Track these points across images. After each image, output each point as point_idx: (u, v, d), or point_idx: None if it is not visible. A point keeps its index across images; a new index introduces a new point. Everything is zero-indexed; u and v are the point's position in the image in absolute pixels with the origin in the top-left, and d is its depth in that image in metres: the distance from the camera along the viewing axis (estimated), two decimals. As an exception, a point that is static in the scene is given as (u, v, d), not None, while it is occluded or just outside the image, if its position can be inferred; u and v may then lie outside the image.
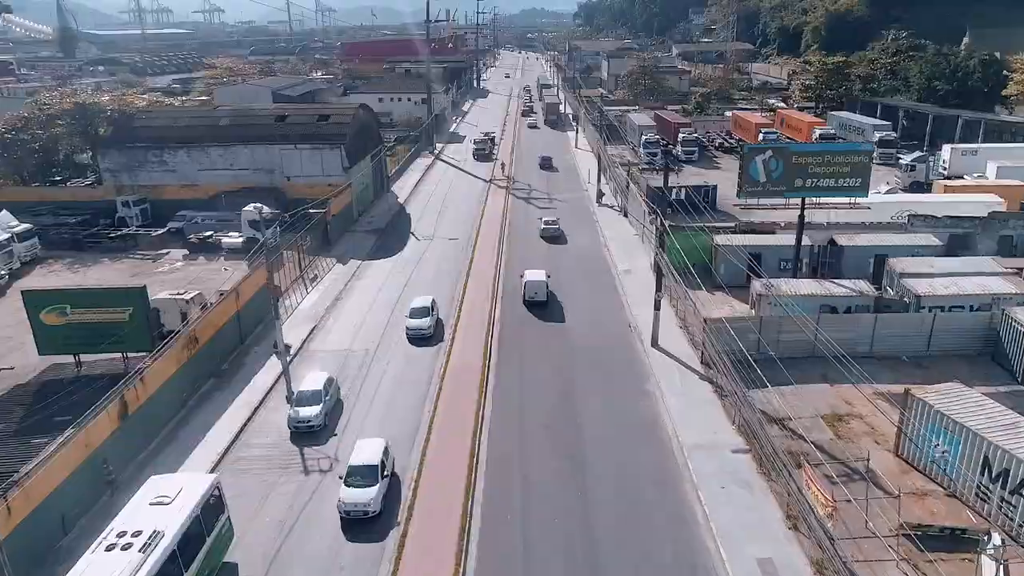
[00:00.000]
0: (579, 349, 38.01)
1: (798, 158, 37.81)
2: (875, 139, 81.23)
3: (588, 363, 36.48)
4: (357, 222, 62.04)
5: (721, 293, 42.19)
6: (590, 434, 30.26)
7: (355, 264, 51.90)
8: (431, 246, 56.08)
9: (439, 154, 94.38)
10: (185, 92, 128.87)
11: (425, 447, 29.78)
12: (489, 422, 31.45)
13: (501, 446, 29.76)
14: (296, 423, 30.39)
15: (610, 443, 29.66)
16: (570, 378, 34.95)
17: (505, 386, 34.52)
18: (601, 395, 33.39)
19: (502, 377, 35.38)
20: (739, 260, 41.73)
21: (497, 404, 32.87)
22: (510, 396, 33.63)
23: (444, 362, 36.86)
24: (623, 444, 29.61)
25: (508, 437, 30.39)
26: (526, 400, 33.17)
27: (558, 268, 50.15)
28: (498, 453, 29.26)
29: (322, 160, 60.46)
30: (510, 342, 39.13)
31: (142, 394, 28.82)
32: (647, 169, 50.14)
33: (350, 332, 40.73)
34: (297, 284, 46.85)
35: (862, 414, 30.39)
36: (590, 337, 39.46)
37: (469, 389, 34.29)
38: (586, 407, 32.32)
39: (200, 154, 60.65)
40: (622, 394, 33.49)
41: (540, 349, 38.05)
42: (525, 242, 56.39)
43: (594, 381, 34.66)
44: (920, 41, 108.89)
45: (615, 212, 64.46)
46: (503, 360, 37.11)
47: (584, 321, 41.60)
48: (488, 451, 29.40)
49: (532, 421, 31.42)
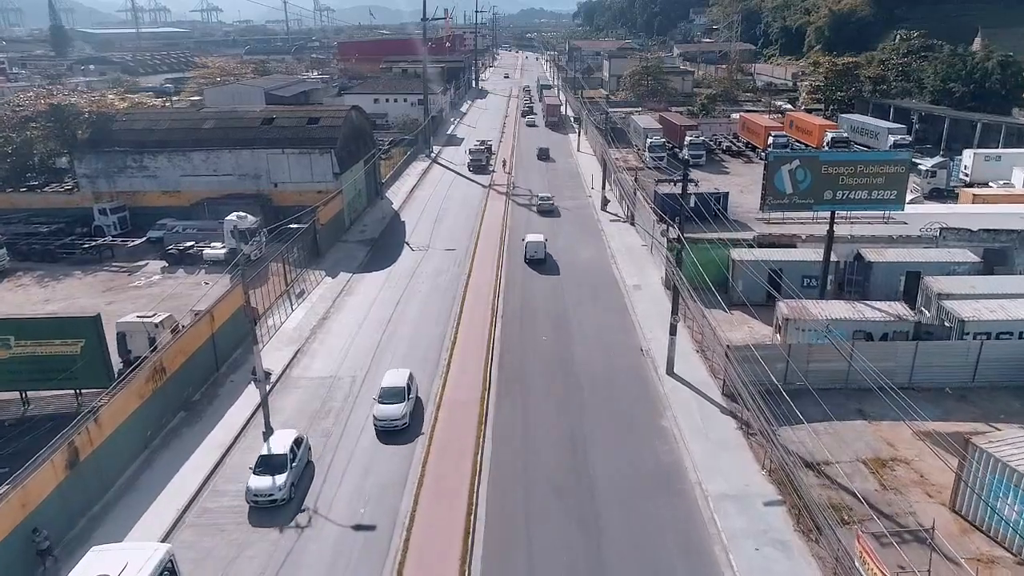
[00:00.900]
0: (587, 377, 34.61)
1: (828, 168, 34.48)
2: (889, 143, 78.14)
3: (597, 395, 33.07)
4: (348, 231, 58.67)
5: (740, 312, 39.00)
6: (603, 485, 26.72)
7: (345, 277, 48.49)
8: (427, 257, 52.68)
9: (436, 157, 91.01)
10: (177, 92, 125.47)
11: (415, 502, 26.43)
12: (489, 469, 27.99)
13: (502, 502, 26.28)
14: (255, 496, 25.07)
15: (626, 496, 26.06)
16: (578, 415, 31.41)
17: (505, 427, 31.07)
18: (613, 434, 29.95)
19: (501, 414, 31.98)
20: (759, 276, 38.53)
21: (497, 449, 29.34)
22: (511, 439, 30.15)
23: (439, 393, 33.48)
24: (641, 497, 26.04)
25: (510, 494, 26.95)
26: (529, 445, 29.55)
27: (563, 282, 46.82)
28: (498, 510, 25.71)
29: (311, 165, 57.07)
30: (510, 367, 35.78)
31: (96, 436, 25.43)
32: (664, 181, 46.88)
33: (337, 356, 37.32)
34: (282, 300, 43.45)
35: (907, 458, 27.07)
36: (599, 363, 36.07)
37: (468, 420, 30.95)
38: (597, 450, 28.80)
39: (182, 159, 57.21)
40: (636, 432, 30.09)
41: (543, 376, 34.64)
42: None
43: (605, 417, 31.22)
44: (933, 41, 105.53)
45: (621, 220, 61.15)
46: (503, 394, 33.73)
47: (592, 344, 38.21)
48: (487, 508, 25.84)
49: (537, 474, 27.74)
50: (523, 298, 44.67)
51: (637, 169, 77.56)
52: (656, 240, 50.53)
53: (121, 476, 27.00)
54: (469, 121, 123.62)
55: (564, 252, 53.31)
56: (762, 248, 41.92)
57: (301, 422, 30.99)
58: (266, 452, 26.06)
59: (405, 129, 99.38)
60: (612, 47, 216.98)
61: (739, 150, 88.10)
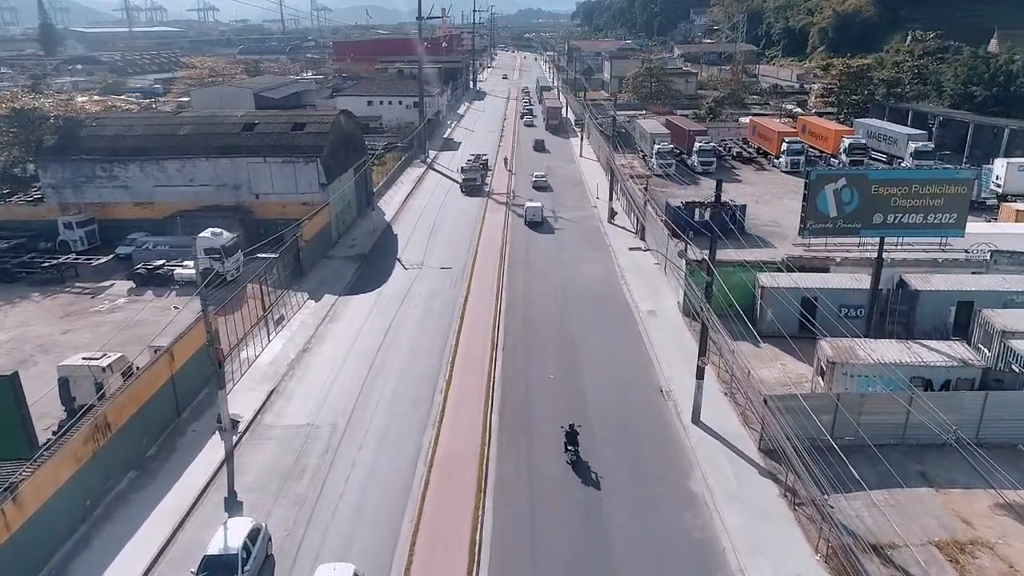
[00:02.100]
0: (601, 424, 30.22)
1: (879, 188, 30.12)
2: (910, 150, 74.01)
3: (614, 447, 28.72)
4: (336, 246, 54.24)
5: (770, 345, 34.72)
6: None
7: (330, 300, 44.09)
8: (420, 277, 48.26)
9: (432, 163, 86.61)
10: (165, 93, 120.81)
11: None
12: (489, 553, 23.54)
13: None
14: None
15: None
16: (590, 475, 27.05)
17: (508, 492, 26.69)
18: (632, 500, 25.58)
19: (503, 473, 27.63)
20: (792, 305, 34.25)
21: (498, 526, 24.87)
22: (515, 511, 25.82)
23: (431, 447, 29.07)
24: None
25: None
26: (537, 517, 25.22)
27: (569, 306, 42.44)
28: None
29: (295, 175, 52.65)
30: (513, 412, 31.43)
31: (15, 519, 21.01)
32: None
33: (316, 397, 32.88)
34: (258, 329, 39.04)
35: (990, 540, 22.73)
36: (614, 407, 31.69)
37: (464, 482, 26.60)
38: (617, 527, 24.40)
39: (155, 168, 52.73)
40: (661, 499, 25.71)
41: (551, 422, 30.15)
42: (528, 271, 48.71)
43: (625, 479, 26.79)
44: (949, 43, 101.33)
45: (630, 234, 56.82)
46: (505, 447, 29.37)
47: (605, 382, 33.85)
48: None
49: (547, 560, 23.54)
50: (526, 325, 40.33)
51: (644, 177, 73.40)
52: (670, 260, 46.28)
53: (51, 559, 22.56)
54: (467, 124, 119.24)
55: (569, 269, 48.98)
56: (793, 272, 37.56)
57: (271, 483, 26.64)
58: (213, 552, 21.18)
59: (400, 133, 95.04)
60: (612, 47, 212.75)
61: (750, 156, 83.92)
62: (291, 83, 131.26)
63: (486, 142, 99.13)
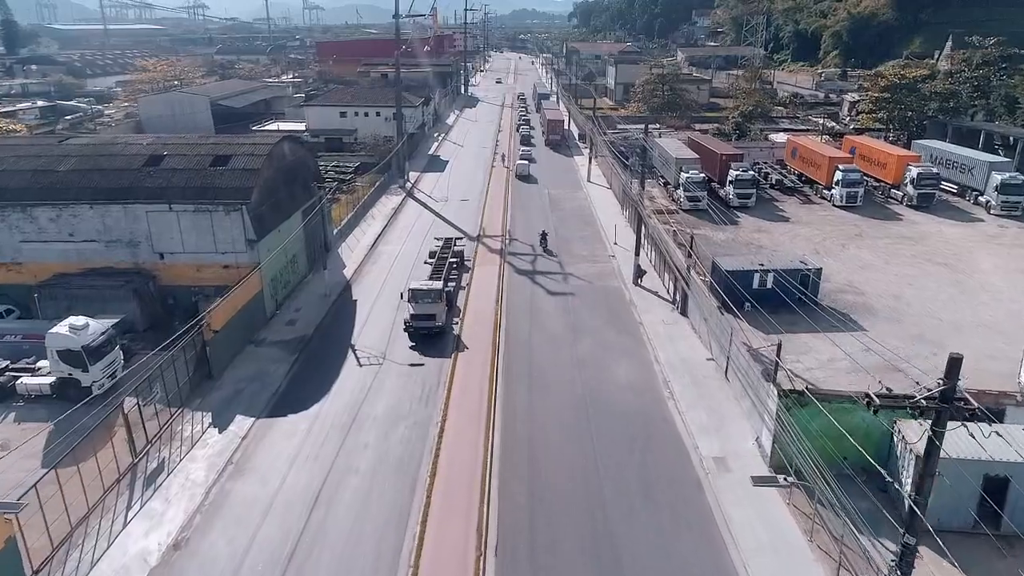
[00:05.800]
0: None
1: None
2: (995, 184, 60.64)
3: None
4: (270, 322, 40.08)
5: (926, 548, 20.90)
6: None
7: (242, 427, 29.93)
8: (379, 380, 34.09)
9: (413, 189, 72.51)
10: (109, 100, 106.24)
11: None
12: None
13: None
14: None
15: None
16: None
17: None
18: None
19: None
20: (967, 486, 20.57)
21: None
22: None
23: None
24: None
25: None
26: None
27: (596, 445, 28.27)
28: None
29: (213, 228, 38.50)
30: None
31: None
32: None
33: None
34: (117, 496, 24.99)
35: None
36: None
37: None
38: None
39: (21, 217, 38.53)
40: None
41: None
42: (531, 380, 34.71)
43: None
44: (1014, 51, 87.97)
45: (664, 303, 42.87)
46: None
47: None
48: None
49: None
50: (533, 483, 26.30)
51: (668, 212, 59.65)
52: (724, 347, 32.62)
53: None
54: (456, 137, 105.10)
55: (591, 370, 34.71)
56: (958, 420, 23.66)
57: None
58: None
59: (377, 150, 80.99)
60: (613, 49, 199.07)
61: (793, 185, 70.06)
62: (260, 88, 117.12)
63: (476, 167, 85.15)
